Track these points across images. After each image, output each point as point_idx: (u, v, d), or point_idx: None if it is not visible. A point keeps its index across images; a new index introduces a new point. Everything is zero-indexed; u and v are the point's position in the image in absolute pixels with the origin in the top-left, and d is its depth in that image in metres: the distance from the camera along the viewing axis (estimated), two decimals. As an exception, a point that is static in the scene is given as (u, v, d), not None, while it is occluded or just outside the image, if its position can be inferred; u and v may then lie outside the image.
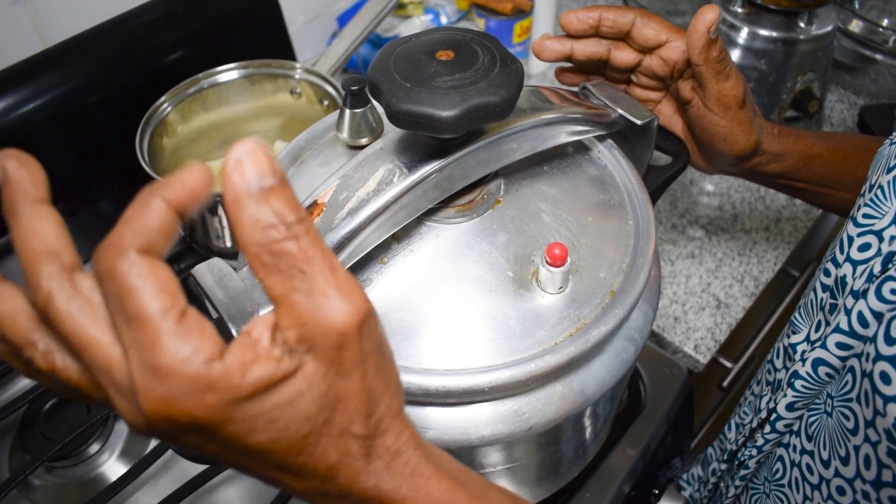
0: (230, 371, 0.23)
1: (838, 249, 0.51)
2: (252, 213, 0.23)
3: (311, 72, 0.82)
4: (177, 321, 0.23)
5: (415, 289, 0.42)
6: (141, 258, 0.23)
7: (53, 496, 0.67)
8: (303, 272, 0.24)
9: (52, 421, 0.69)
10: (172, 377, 0.23)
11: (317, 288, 0.24)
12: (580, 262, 0.44)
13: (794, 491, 0.55)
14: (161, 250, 0.24)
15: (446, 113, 0.36)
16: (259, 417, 0.24)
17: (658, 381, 0.74)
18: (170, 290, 0.23)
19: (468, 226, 0.44)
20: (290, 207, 0.23)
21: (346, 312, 0.24)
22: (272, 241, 0.23)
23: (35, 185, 0.25)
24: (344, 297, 0.24)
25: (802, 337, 0.55)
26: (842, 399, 0.47)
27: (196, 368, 0.23)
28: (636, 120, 0.50)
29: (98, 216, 0.85)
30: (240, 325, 0.36)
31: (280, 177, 0.23)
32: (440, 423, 0.40)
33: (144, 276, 0.23)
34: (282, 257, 0.24)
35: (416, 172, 0.39)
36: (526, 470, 0.49)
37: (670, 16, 1.22)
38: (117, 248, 0.23)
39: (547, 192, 0.48)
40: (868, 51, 1.05)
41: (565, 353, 0.39)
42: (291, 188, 0.24)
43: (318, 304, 0.24)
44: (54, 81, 0.75)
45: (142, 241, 0.23)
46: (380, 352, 0.27)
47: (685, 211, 0.93)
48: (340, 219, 0.38)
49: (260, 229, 0.23)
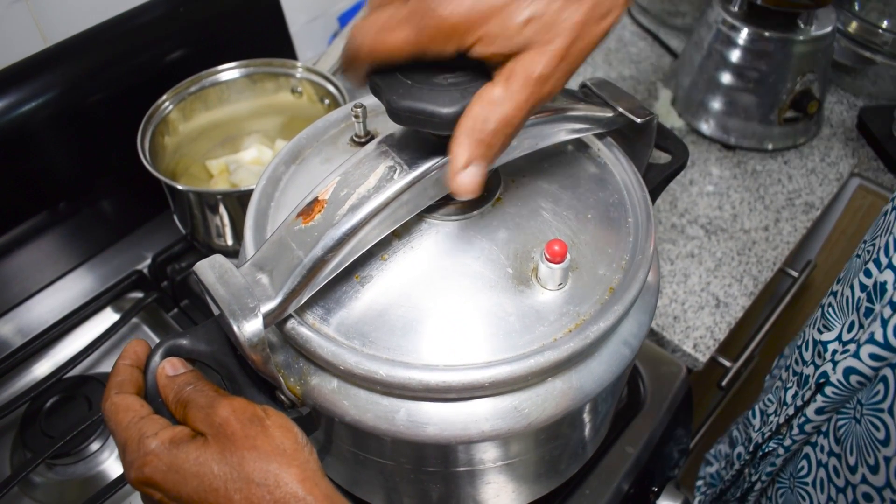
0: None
1: (882, 252, 0.50)
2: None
3: (313, 71, 0.82)
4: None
5: (415, 285, 0.42)
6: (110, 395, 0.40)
7: (54, 493, 0.67)
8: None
9: (53, 419, 0.69)
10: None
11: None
12: (580, 259, 0.44)
13: (818, 490, 0.54)
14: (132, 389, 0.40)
15: (447, 109, 0.36)
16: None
17: (657, 379, 0.74)
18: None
19: (468, 222, 0.44)
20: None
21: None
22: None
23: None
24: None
25: (834, 335, 0.54)
26: (872, 408, 0.47)
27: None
28: (635, 118, 0.50)
29: (99, 215, 0.85)
30: (241, 321, 0.37)
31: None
32: (440, 419, 0.40)
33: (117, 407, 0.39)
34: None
35: (417, 169, 0.39)
36: (525, 466, 0.49)
37: (670, 16, 1.23)
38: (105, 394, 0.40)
39: (547, 189, 0.48)
40: (868, 52, 1.05)
41: (565, 349, 0.40)
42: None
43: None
44: (55, 80, 0.75)
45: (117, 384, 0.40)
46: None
47: (685, 210, 0.93)
48: (341, 215, 0.38)
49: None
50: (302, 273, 0.38)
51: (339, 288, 0.42)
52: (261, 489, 0.35)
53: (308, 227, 0.38)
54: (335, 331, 0.41)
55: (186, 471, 0.36)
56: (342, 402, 0.41)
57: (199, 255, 0.82)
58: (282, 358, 0.43)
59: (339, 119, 0.53)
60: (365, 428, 0.41)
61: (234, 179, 0.83)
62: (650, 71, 1.14)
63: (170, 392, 0.40)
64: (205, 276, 0.38)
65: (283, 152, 0.51)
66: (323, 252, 0.38)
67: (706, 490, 0.74)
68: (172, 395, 0.40)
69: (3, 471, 0.68)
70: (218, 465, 0.36)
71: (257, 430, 0.37)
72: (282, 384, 0.41)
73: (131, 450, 0.37)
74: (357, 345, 0.40)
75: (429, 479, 0.48)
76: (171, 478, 0.36)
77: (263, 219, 0.47)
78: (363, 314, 0.41)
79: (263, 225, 0.47)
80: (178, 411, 0.39)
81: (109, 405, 0.39)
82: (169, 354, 0.41)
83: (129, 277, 0.82)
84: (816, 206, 0.94)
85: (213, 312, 0.40)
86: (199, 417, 0.38)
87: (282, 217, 0.43)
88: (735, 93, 0.97)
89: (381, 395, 0.41)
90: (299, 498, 0.35)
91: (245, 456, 0.36)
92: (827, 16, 0.95)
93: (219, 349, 0.42)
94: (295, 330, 0.40)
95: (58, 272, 0.83)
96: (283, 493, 0.35)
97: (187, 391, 0.39)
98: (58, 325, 0.77)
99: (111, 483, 0.64)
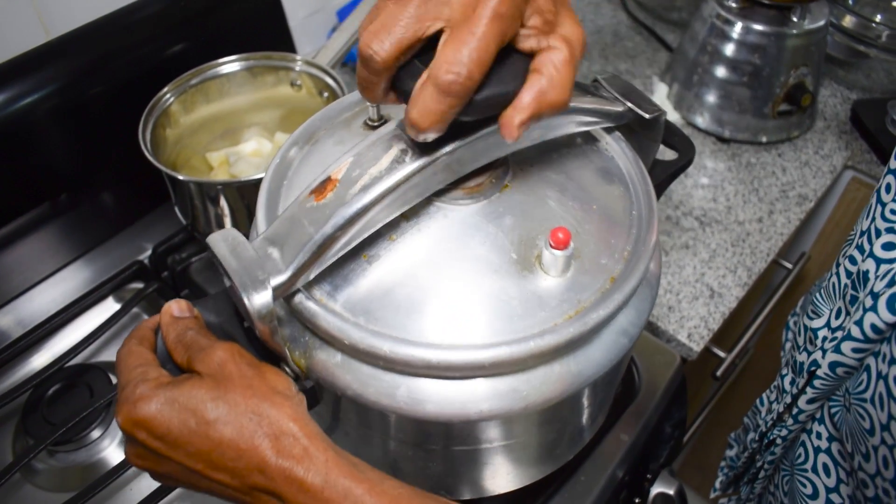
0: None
1: (866, 239, 0.51)
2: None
3: (312, 64, 0.83)
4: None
5: (421, 266, 0.43)
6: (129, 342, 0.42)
7: (55, 480, 0.68)
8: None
9: (55, 406, 0.70)
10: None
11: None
12: (583, 248, 0.45)
13: (822, 476, 0.55)
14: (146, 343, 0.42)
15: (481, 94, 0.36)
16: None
17: (652, 368, 0.75)
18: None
19: (476, 208, 0.45)
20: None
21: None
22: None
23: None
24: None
25: (823, 322, 0.55)
26: (857, 397, 0.47)
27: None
28: (644, 114, 0.50)
29: (100, 207, 0.86)
30: (251, 292, 0.38)
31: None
32: (440, 397, 0.41)
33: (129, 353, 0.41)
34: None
35: (428, 154, 0.40)
36: (522, 449, 0.50)
37: (666, 11, 1.24)
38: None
39: (554, 178, 0.48)
40: (861, 46, 1.06)
41: (564, 333, 0.40)
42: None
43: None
44: (57, 73, 0.76)
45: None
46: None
47: (680, 202, 0.94)
48: (352, 195, 0.39)
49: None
50: (312, 249, 0.39)
51: (347, 266, 0.43)
52: (252, 424, 0.36)
53: (320, 205, 0.39)
54: (341, 307, 0.42)
55: (181, 404, 0.37)
56: (345, 377, 0.42)
57: (200, 246, 0.83)
58: (288, 331, 0.44)
59: (354, 103, 0.54)
60: (366, 403, 0.42)
61: (233, 171, 0.83)
62: (646, 65, 1.15)
63: (171, 332, 0.41)
64: (217, 248, 0.39)
65: (297, 133, 0.52)
66: (333, 230, 0.39)
67: (727, 472, 0.75)
68: (174, 335, 0.41)
69: (6, 457, 0.69)
70: (212, 401, 0.37)
71: (253, 371, 0.38)
72: (287, 357, 0.42)
73: (129, 389, 0.38)
74: (362, 321, 0.41)
75: (427, 457, 0.49)
76: (164, 413, 0.37)
77: (276, 197, 0.48)
78: (369, 292, 0.42)
79: (276, 203, 0.48)
80: (177, 351, 0.41)
81: (124, 351, 0.41)
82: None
83: (130, 268, 0.83)
84: (810, 199, 0.95)
85: (224, 284, 0.41)
86: (198, 358, 0.39)
87: (293, 196, 0.44)
88: (729, 86, 0.98)
89: (383, 371, 0.42)
90: (290, 434, 0.36)
91: (240, 393, 0.37)
92: (820, 10, 0.96)
93: (227, 320, 0.43)
94: (302, 304, 0.41)
95: (59, 263, 0.84)
96: (275, 430, 0.36)
97: (189, 334, 0.41)
98: (59, 315, 0.78)
99: (112, 469, 0.65)
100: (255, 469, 0.36)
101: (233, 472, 0.37)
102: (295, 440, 0.36)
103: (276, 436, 0.36)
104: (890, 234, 0.48)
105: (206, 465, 0.37)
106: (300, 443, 0.36)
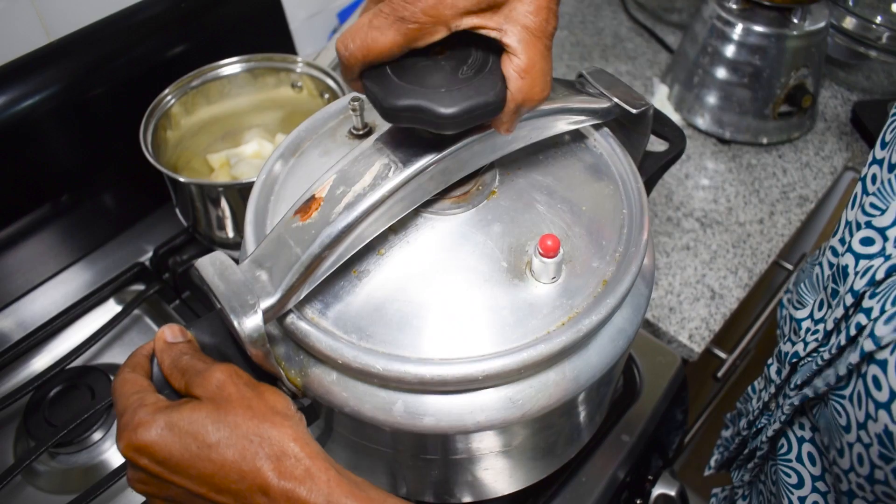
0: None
1: (847, 231, 0.50)
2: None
3: (313, 65, 0.83)
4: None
5: (411, 279, 0.43)
6: (123, 370, 0.41)
7: (57, 482, 0.68)
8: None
9: (56, 408, 0.70)
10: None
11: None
12: (573, 252, 0.45)
13: (807, 465, 0.55)
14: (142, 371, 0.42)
15: (445, 109, 0.36)
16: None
17: (653, 369, 0.75)
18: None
19: (464, 217, 0.45)
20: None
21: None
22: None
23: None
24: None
25: (807, 313, 0.55)
26: (836, 394, 0.47)
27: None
28: (631, 108, 0.50)
29: (101, 209, 0.86)
30: (240, 316, 0.37)
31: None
32: (437, 410, 0.41)
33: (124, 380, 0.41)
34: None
35: (412, 166, 0.39)
36: (521, 452, 0.50)
37: (666, 12, 1.24)
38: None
39: (542, 181, 0.48)
40: (861, 47, 1.06)
41: (557, 342, 0.40)
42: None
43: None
44: (58, 74, 0.76)
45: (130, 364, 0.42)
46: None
47: (680, 204, 0.94)
48: (337, 213, 0.38)
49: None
50: (300, 270, 0.38)
51: (338, 282, 0.43)
52: (254, 445, 0.36)
53: (305, 225, 0.39)
54: (333, 324, 0.41)
55: (181, 429, 0.37)
56: (341, 394, 0.42)
57: (201, 248, 0.83)
58: (283, 350, 0.43)
59: (338, 111, 0.54)
60: (363, 419, 0.42)
61: (234, 173, 0.83)
62: (646, 66, 1.15)
63: (166, 358, 0.41)
64: (206, 273, 0.39)
65: (282, 146, 0.51)
66: (320, 249, 0.38)
67: (723, 451, 0.75)
68: (169, 360, 0.41)
69: (7, 459, 0.69)
70: (213, 423, 0.37)
71: (252, 392, 0.38)
72: (283, 376, 0.42)
73: (128, 415, 0.38)
74: (355, 339, 0.41)
75: (427, 465, 0.48)
76: (165, 438, 0.37)
77: (263, 213, 0.48)
78: (360, 308, 0.42)
79: (264, 219, 0.47)
80: (174, 377, 0.40)
81: (119, 379, 0.40)
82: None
83: (131, 270, 0.83)
84: (811, 200, 0.95)
85: (215, 307, 0.41)
86: (195, 382, 0.39)
87: (282, 211, 0.44)
88: (730, 88, 0.98)
89: (378, 388, 0.41)
90: (292, 455, 0.36)
91: (240, 415, 0.37)
92: (820, 11, 0.96)
93: (222, 341, 0.43)
94: (294, 324, 0.41)
95: (60, 265, 0.84)
96: (277, 451, 0.36)
97: (185, 359, 0.40)
98: (60, 317, 0.78)
99: (113, 472, 0.65)
100: (258, 491, 0.36)
101: (236, 495, 0.37)
102: (297, 461, 0.36)
103: (277, 457, 0.36)
104: (868, 229, 0.47)
105: (209, 489, 0.37)
106: (302, 463, 0.36)
